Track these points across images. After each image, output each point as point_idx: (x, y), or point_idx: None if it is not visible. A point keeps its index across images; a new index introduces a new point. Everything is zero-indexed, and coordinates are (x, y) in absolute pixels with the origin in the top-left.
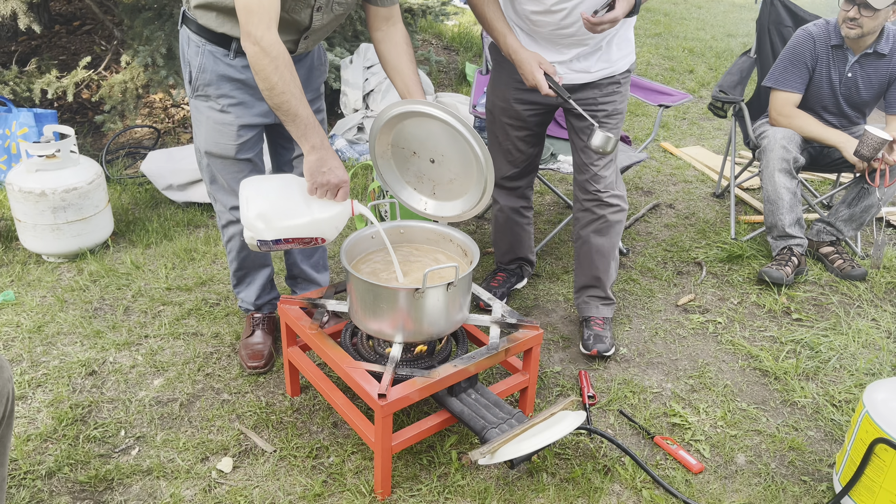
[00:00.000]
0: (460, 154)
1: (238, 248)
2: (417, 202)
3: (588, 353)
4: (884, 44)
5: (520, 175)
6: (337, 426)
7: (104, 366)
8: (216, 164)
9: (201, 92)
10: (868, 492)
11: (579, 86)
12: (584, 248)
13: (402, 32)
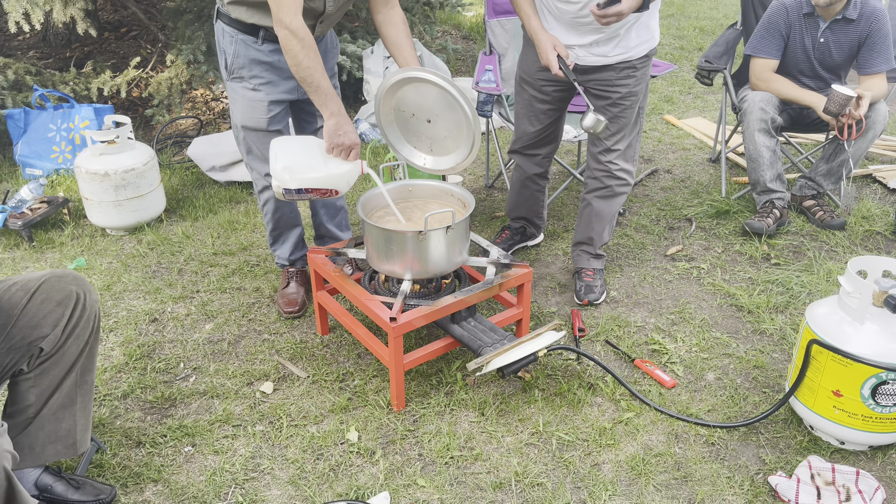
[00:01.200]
0: (452, 112)
1: (273, 210)
2: (417, 158)
3: (580, 304)
4: (852, 10)
5: (539, 144)
6: (360, 357)
7: (164, 315)
8: (251, 136)
9: (236, 75)
10: (810, 391)
11: (597, 67)
12: (586, 209)
13: (399, 14)
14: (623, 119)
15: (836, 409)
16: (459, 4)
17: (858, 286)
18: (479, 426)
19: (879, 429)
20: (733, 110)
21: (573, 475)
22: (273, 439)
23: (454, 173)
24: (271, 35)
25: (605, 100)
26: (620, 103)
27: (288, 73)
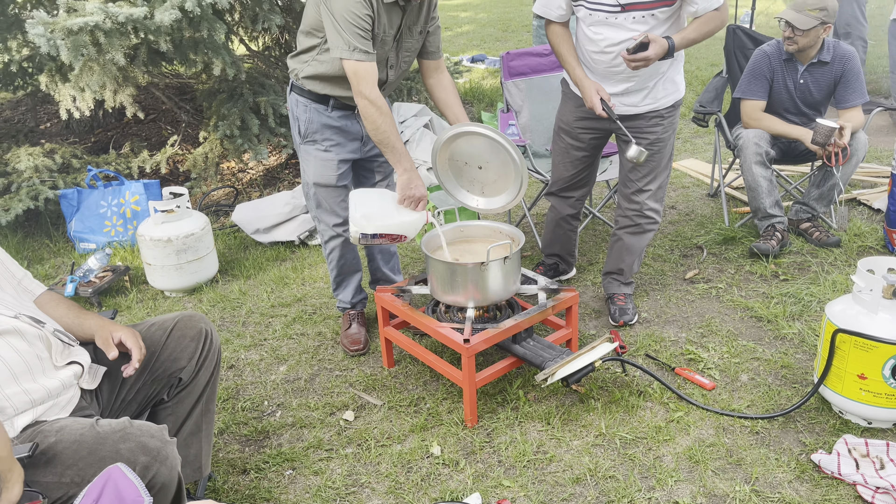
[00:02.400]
0: (500, 159)
1: (338, 258)
2: (471, 200)
3: (616, 325)
4: (825, 53)
5: (573, 187)
6: (427, 383)
7: (239, 361)
8: (322, 192)
9: (309, 139)
10: (837, 378)
11: (627, 116)
12: (617, 243)
13: (448, 77)
14: (653, 163)
15: (862, 391)
16: (456, 72)
17: (870, 282)
18: (548, 434)
19: None
20: (727, 147)
21: (639, 467)
22: (364, 458)
23: (504, 211)
24: (340, 103)
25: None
26: (650, 148)
27: (353, 135)
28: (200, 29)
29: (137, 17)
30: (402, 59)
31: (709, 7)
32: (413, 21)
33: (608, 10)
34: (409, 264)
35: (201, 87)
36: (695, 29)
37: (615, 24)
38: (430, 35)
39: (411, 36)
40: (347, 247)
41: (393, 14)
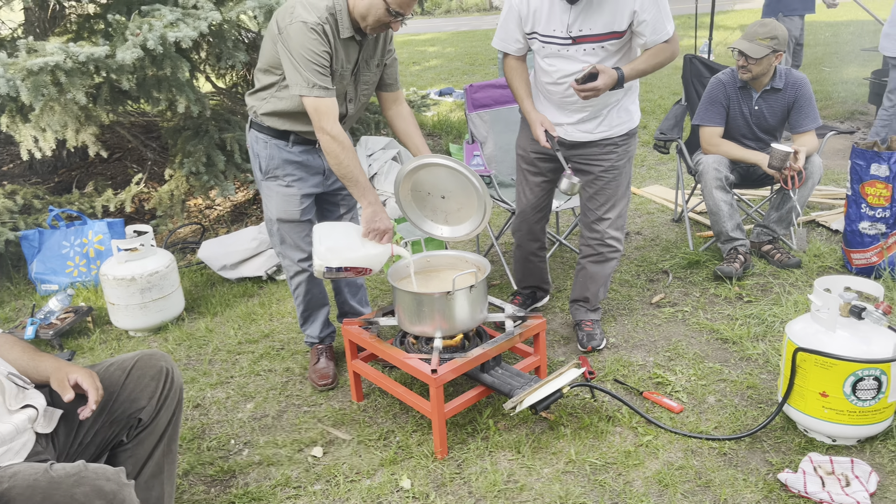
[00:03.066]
0: (462, 188)
1: (304, 293)
2: (435, 230)
3: (584, 350)
4: (778, 80)
5: (537, 218)
6: (397, 416)
7: (205, 400)
8: (285, 228)
9: (271, 175)
10: (800, 397)
11: (583, 143)
12: (581, 272)
13: (407, 108)
14: (609, 190)
15: (824, 409)
16: (424, 105)
17: (827, 300)
18: (518, 462)
19: (863, 421)
20: (689, 173)
21: (610, 493)
22: (333, 495)
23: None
24: (300, 138)
25: (589, 174)
26: (604, 176)
27: (315, 169)
28: (164, 67)
29: (99, 57)
30: (361, 92)
31: (658, 39)
32: (370, 55)
33: (560, 43)
34: (378, 296)
35: (166, 124)
36: (645, 60)
37: (567, 56)
38: (388, 67)
39: (369, 69)
40: (313, 282)
41: (350, 49)
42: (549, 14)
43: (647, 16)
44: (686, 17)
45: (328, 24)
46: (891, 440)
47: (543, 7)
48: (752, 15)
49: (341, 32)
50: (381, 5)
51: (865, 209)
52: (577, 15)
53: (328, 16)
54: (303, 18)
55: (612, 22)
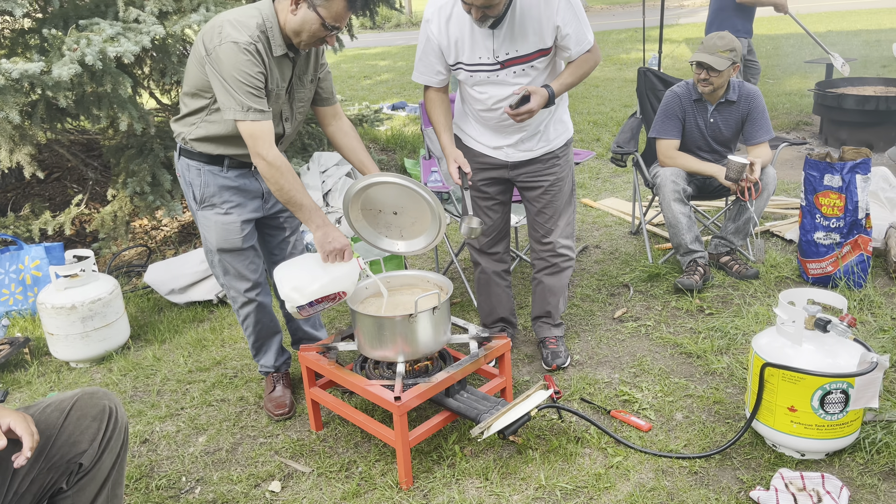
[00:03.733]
0: (414, 203)
1: (254, 324)
2: (390, 245)
3: (549, 370)
4: (732, 93)
5: (496, 241)
6: (358, 445)
7: (153, 435)
8: (227, 257)
9: (207, 203)
10: (769, 412)
11: (526, 161)
12: (538, 287)
13: (347, 123)
14: (557, 202)
15: (793, 424)
16: (378, 120)
17: (792, 314)
18: (487, 490)
19: (831, 435)
20: (646, 185)
21: None
22: None
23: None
24: (235, 162)
25: (537, 189)
26: (551, 189)
27: (253, 193)
28: (104, 83)
29: (33, 73)
30: (297, 110)
31: (582, 50)
32: (303, 71)
33: (488, 70)
34: (336, 317)
35: (108, 142)
36: (571, 73)
37: (497, 82)
38: (322, 82)
39: (303, 86)
40: (263, 311)
41: (283, 66)
42: (471, 43)
43: (570, 29)
44: (633, 30)
45: (260, 42)
46: (858, 453)
47: (465, 36)
48: (695, 29)
49: (274, 50)
50: (316, 20)
51: (820, 219)
52: (502, 39)
53: (259, 34)
54: (233, 38)
55: (538, 40)
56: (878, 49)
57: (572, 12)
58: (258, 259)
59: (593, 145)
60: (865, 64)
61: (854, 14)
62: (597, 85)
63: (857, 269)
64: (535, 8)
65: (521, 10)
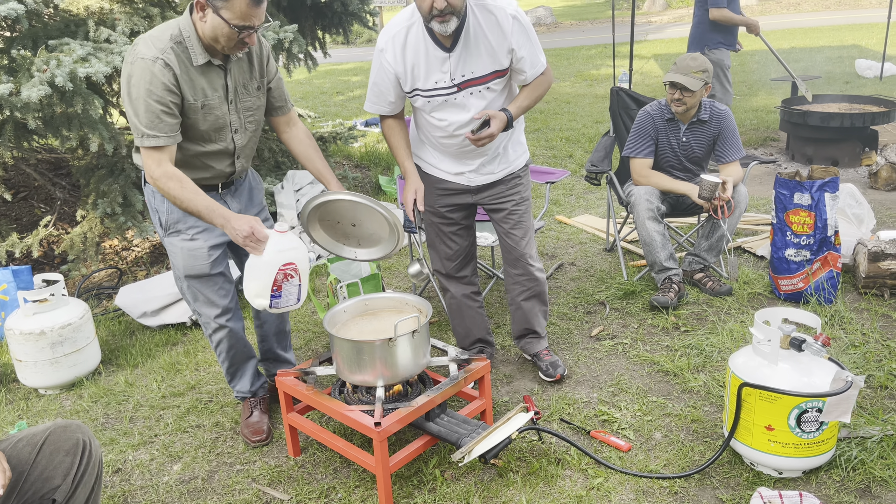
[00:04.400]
0: (371, 216)
1: (227, 350)
2: (349, 254)
3: (554, 379)
4: (704, 113)
5: (463, 265)
6: (337, 471)
7: (126, 464)
8: (196, 283)
9: (173, 230)
10: (746, 431)
11: (489, 184)
12: (518, 311)
13: (303, 130)
14: (524, 222)
15: (770, 442)
16: (351, 137)
17: (767, 333)
18: None
19: (808, 453)
20: (620, 203)
21: None
22: None
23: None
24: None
25: (503, 210)
26: (517, 209)
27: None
28: (74, 104)
29: (2, 95)
30: (247, 120)
31: (536, 73)
32: (245, 79)
33: (445, 93)
34: (312, 339)
35: (78, 162)
36: (526, 96)
37: (455, 105)
38: (273, 90)
39: (249, 94)
40: (235, 336)
41: (212, 76)
42: (426, 68)
43: (524, 52)
44: (603, 45)
45: (172, 53)
46: (835, 470)
47: (420, 62)
48: (664, 45)
49: (194, 59)
50: (222, 24)
51: (790, 237)
52: (457, 61)
53: (173, 45)
54: (142, 55)
55: (493, 62)
56: (840, 65)
57: (525, 36)
58: (228, 284)
59: (566, 161)
60: (829, 81)
61: (817, 31)
62: (568, 101)
63: (828, 286)
64: (488, 31)
65: (474, 32)
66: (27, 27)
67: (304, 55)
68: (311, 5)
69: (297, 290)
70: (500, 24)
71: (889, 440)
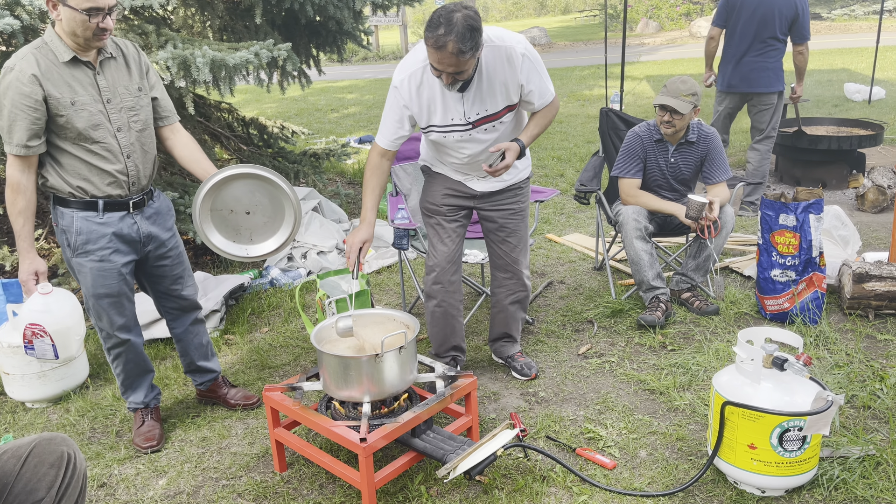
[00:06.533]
0: (270, 197)
1: (124, 363)
2: (239, 251)
3: (529, 378)
4: (692, 134)
5: (455, 268)
6: (323, 487)
7: (111, 478)
8: (104, 303)
9: (81, 251)
10: (730, 450)
11: (494, 192)
12: (501, 314)
13: (186, 135)
14: (520, 231)
15: (753, 461)
16: (344, 154)
17: (750, 353)
18: None
19: (790, 472)
20: (609, 222)
21: None
22: None
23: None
24: (111, 205)
25: (502, 218)
26: (514, 218)
27: (130, 236)
28: None
29: None
30: (131, 119)
31: (545, 102)
32: (124, 80)
33: (461, 130)
34: (301, 354)
35: None
36: (536, 124)
37: (469, 140)
38: (159, 101)
39: (130, 94)
40: (134, 350)
41: (81, 74)
42: (443, 107)
43: (533, 85)
44: (597, 66)
45: (34, 57)
46: (817, 489)
47: (436, 101)
48: (656, 66)
49: (60, 57)
50: (73, 13)
51: (776, 257)
52: (472, 101)
53: (34, 50)
54: (8, 65)
55: (505, 98)
56: (829, 89)
57: (535, 70)
58: (129, 303)
59: (557, 181)
60: (818, 104)
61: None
62: (561, 121)
63: (812, 306)
64: (499, 69)
65: (487, 73)
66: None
67: (298, 73)
68: (305, 24)
69: (52, 349)
70: (511, 61)
71: (871, 460)
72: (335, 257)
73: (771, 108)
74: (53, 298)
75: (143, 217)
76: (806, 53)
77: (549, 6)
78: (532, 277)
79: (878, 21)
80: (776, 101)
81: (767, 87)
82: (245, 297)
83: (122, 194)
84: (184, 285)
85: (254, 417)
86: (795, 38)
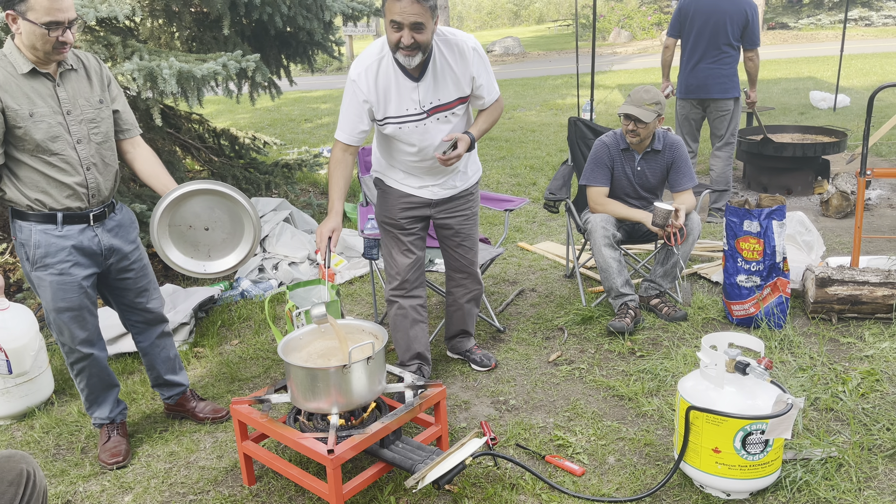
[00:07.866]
0: (229, 213)
1: (88, 378)
2: (197, 267)
3: (490, 367)
4: (657, 143)
5: (417, 277)
6: (292, 500)
7: (76, 495)
8: (65, 317)
9: (40, 264)
10: (695, 454)
11: (447, 198)
12: (458, 312)
13: (147, 149)
14: (474, 234)
15: (717, 465)
16: (317, 164)
17: (713, 358)
18: None
19: (754, 475)
20: (578, 230)
21: None
22: None
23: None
24: (70, 217)
25: (457, 223)
26: (468, 223)
27: (91, 250)
28: None
29: None
30: (91, 131)
31: (492, 99)
32: (84, 90)
33: (416, 119)
34: (271, 366)
35: None
36: (485, 120)
37: (424, 130)
38: (121, 113)
39: (90, 106)
40: (98, 365)
41: (40, 85)
42: (397, 96)
43: (483, 80)
44: (569, 76)
45: None
46: (780, 491)
47: (391, 91)
48: (627, 75)
49: (19, 69)
50: (32, 27)
51: (741, 263)
52: (425, 90)
53: None
54: None
55: (457, 89)
56: (796, 97)
57: (484, 66)
58: (92, 317)
59: (529, 189)
60: (784, 111)
61: (774, 63)
62: (533, 130)
63: (777, 311)
64: (452, 61)
65: (440, 63)
66: None
67: (268, 83)
68: (275, 35)
69: (6, 364)
70: (462, 55)
71: (833, 462)
72: (307, 268)
73: (728, 113)
74: (10, 315)
75: (105, 230)
76: (756, 60)
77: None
78: (503, 285)
79: (843, 30)
80: (733, 106)
81: (723, 94)
82: (215, 309)
83: (81, 207)
84: (149, 298)
85: (222, 431)
86: (746, 45)
